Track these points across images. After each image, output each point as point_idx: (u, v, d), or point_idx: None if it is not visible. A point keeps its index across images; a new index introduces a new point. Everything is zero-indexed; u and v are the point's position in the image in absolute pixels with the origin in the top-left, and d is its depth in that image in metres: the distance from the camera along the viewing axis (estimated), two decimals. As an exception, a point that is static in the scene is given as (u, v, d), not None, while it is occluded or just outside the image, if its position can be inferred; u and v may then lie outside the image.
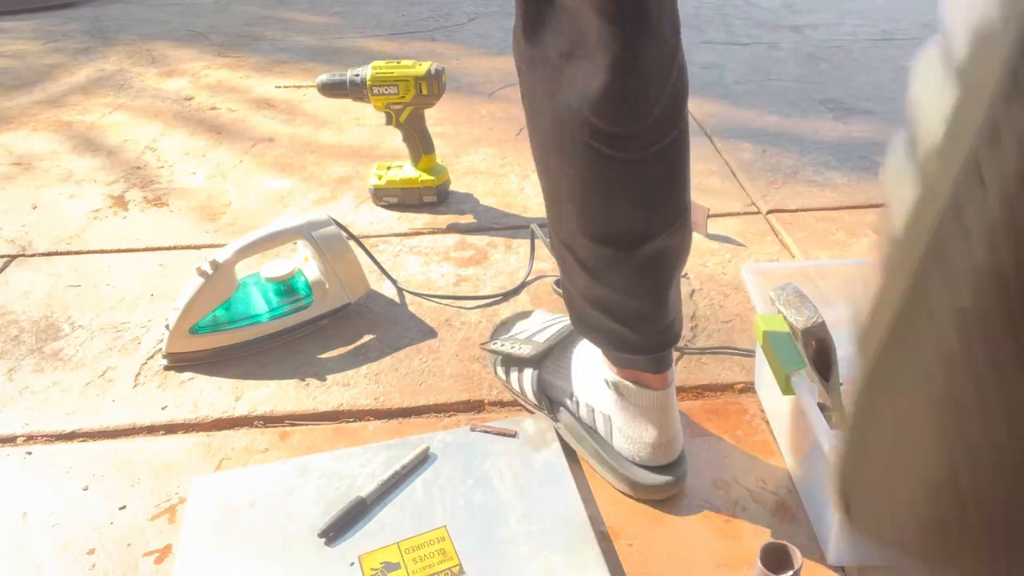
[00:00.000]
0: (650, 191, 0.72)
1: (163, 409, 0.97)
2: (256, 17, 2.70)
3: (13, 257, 1.31)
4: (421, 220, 1.38)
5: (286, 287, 1.09)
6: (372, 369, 1.03)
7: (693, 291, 1.16)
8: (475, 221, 1.37)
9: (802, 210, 1.37)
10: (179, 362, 1.03)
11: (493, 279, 1.20)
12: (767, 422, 0.92)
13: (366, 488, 0.81)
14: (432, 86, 1.32)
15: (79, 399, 0.99)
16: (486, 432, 0.89)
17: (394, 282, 1.19)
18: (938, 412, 0.32)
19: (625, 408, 0.81)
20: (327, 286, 1.09)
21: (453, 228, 1.36)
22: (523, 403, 0.95)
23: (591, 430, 0.86)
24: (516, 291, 1.18)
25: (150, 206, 1.46)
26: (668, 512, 0.81)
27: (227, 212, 1.44)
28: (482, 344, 1.03)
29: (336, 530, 0.78)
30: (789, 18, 2.51)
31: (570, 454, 0.88)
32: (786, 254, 1.25)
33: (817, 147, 1.61)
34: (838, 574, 0.74)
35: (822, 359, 0.80)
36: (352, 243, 1.14)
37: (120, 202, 1.48)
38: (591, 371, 0.85)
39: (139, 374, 1.03)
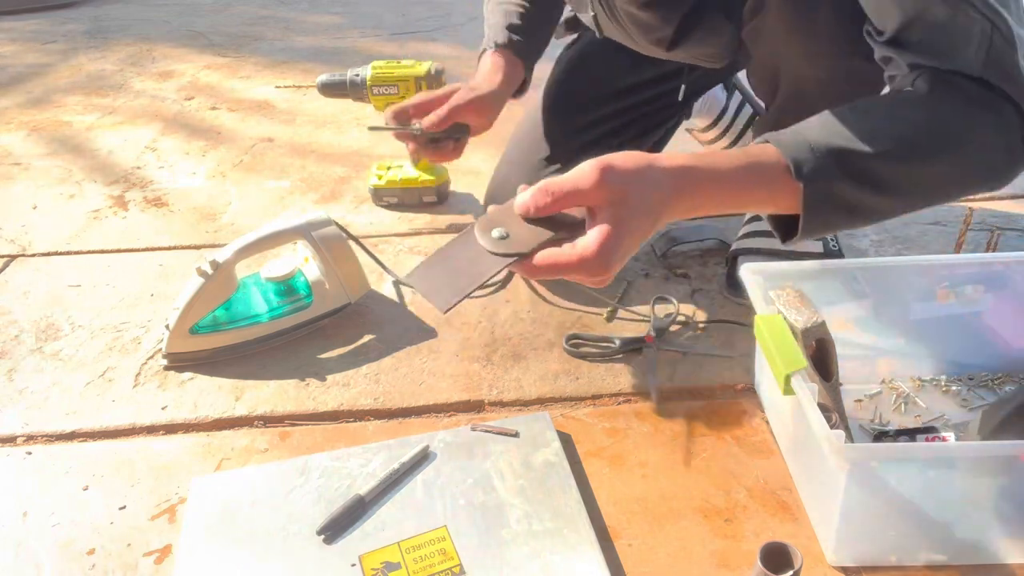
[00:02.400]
0: None
1: (163, 409, 0.97)
2: (256, 17, 2.70)
3: (13, 257, 1.31)
4: (421, 220, 1.38)
5: (286, 287, 1.09)
6: (372, 369, 1.03)
7: (693, 291, 1.16)
8: (476, 221, 1.37)
9: (802, 210, 1.37)
10: (179, 362, 1.03)
11: (492, 279, 1.20)
12: (767, 422, 0.92)
13: (366, 487, 0.81)
14: (432, 86, 1.32)
15: (79, 399, 0.99)
16: (487, 432, 0.89)
17: (394, 276, 1.19)
18: None
19: None
20: (327, 286, 1.09)
21: (453, 228, 1.36)
22: None
23: None
24: (509, 278, 1.19)
25: (150, 206, 1.46)
26: (668, 512, 0.81)
27: (227, 212, 1.43)
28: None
29: (335, 528, 0.78)
30: (789, 18, 2.50)
31: (570, 453, 0.88)
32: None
33: (817, 147, 1.60)
34: (838, 574, 0.74)
35: (822, 359, 0.80)
36: (352, 242, 1.14)
37: (120, 202, 1.48)
38: None
39: (139, 374, 1.03)
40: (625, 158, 0.64)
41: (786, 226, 0.69)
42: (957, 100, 0.66)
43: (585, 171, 0.63)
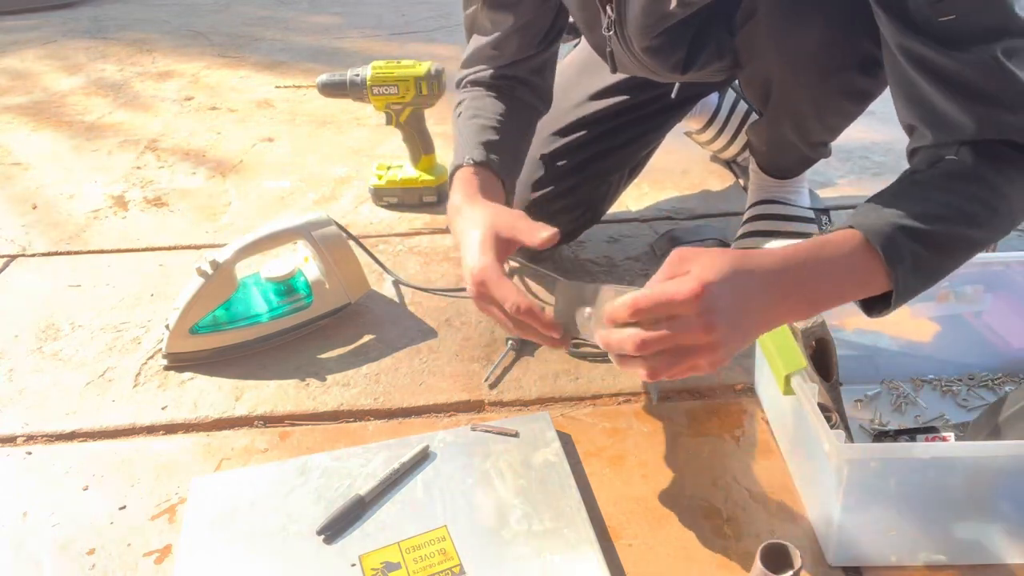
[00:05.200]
0: None
1: (163, 409, 0.97)
2: (256, 17, 2.70)
3: (13, 257, 1.31)
4: (421, 220, 1.38)
5: (286, 287, 1.09)
6: (372, 369, 1.03)
7: (693, 291, 1.16)
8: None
9: (802, 210, 1.37)
10: (179, 362, 1.03)
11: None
12: (767, 422, 0.92)
13: (366, 487, 0.81)
14: (432, 86, 1.32)
15: (79, 399, 0.99)
16: (487, 431, 0.89)
17: (394, 276, 1.19)
18: None
19: None
20: (327, 286, 1.09)
21: (453, 228, 1.35)
22: None
23: None
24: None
25: (150, 206, 1.46)
26: (668, 512, 0.81)
27: (227, 212, 1.43)
28: None
29: (335, 528, 0.78)
30: (789, 18, 2.50)
31: (570, 454, 0.88)
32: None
33: (817, 147, 1.60)
34: (838, 574, 0.74)
35: (822, 359, 0.80)
36: (352, 242, 1.14)
37: (120, 202, 1.48)
38: None
39: (139, 374, 1.03)
40: (720, 268, 0.63)
41: (866, 299, 0.73)
42: (1001, 167, 0.71)
43: (684, 285, 0.62)
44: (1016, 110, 0.70)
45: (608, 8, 0.93)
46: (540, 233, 0.78)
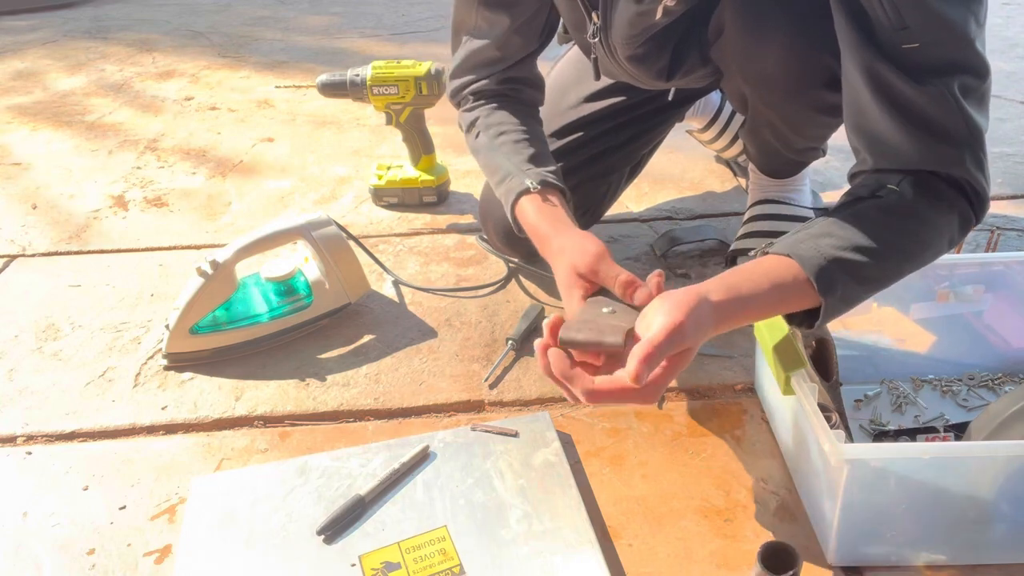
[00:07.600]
0: None
1: (163, 409, 0.97)
2: (256, 17, 2.70)
3: (13, 257, 1.31)
4: (421, 220, 1.38)
5: (286, 287, 1.09)
6: (372, 369, 1.03)
7: (693, 291, 1.16)
8: (475, 221, 1.37)
9: (802, 210, 1.37)
10: (179, 362, 1.03)
11: (492, 279, 1.20)
12: (767, 422, 0.92)
13: (366, 487, 0.81)
14: (432, 86, 1.32)
15: (79, 399, 0.99)
16: (487, 431, 0.89)
17: (394, 276, 1.19)
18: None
19: None
20: (327, 286, 1.09)
21: (453, 228, 1.36)
22: None
23: None
24: (508, 278, 1.20)
25: (150, 206, 1.46)
26: (668, 512, 0.81)
27: (227, 212, 1.43)
28: None
29: (335, 528, 0.78)
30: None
31: (570, 454, 0.88)
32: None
33: (817, 147, 1.60)
34: (838, 574, 0.74)
35: (822, 359, 0.80)
36: (351, 242, 1.14)
37: (120, 202, 1.48)
38: None
39: (139, 374, 1.03)
40: (686, 297, 0.67)
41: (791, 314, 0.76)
42: (936, 204, 0.74)
43: (644, 395, 0.67)
44: (959, 146, 0.72)
45: (594, 15, 0.93)
46: (620, 278, 0.78)
